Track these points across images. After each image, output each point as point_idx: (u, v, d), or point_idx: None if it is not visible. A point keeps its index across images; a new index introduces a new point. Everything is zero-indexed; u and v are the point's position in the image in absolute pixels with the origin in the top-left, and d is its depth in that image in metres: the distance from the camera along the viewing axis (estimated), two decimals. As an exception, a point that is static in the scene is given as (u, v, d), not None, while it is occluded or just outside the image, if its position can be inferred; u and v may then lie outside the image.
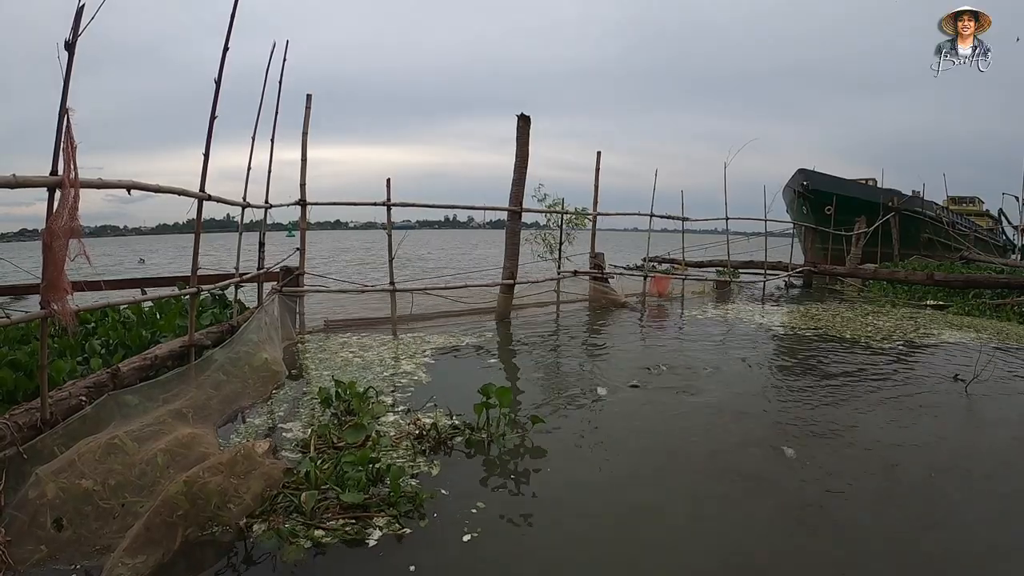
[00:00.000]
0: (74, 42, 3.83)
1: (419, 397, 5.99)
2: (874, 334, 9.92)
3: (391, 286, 10.50)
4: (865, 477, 4.33)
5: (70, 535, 3.17)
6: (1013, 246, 33.33)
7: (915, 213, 27.32)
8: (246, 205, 8.22)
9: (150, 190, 5.28)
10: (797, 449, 4.80)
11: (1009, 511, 3.90)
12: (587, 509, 3.85)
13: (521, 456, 4.65)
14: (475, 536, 3.43)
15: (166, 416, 4.37)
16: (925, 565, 3.29)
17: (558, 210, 13.14)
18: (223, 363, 6.01)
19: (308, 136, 9.82)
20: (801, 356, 8.46)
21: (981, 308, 13.06)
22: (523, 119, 11.04)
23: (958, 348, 8.88)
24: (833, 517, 3.76)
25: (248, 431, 5.02)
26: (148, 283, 11.17)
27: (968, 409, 6.01)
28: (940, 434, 5.27)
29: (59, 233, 3.72)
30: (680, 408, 5.87)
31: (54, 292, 3.81)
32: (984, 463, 4.66)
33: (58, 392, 4.48)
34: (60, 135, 3.74)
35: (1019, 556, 3.38)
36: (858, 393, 6.45)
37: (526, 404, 5.92)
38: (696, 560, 3.31)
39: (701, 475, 4.37)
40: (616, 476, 4.35)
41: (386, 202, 10.42)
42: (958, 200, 37.47)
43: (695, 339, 9.70)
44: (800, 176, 26.26)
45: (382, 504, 3.64)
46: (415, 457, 4.46)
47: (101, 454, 3.63)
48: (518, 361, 8.19)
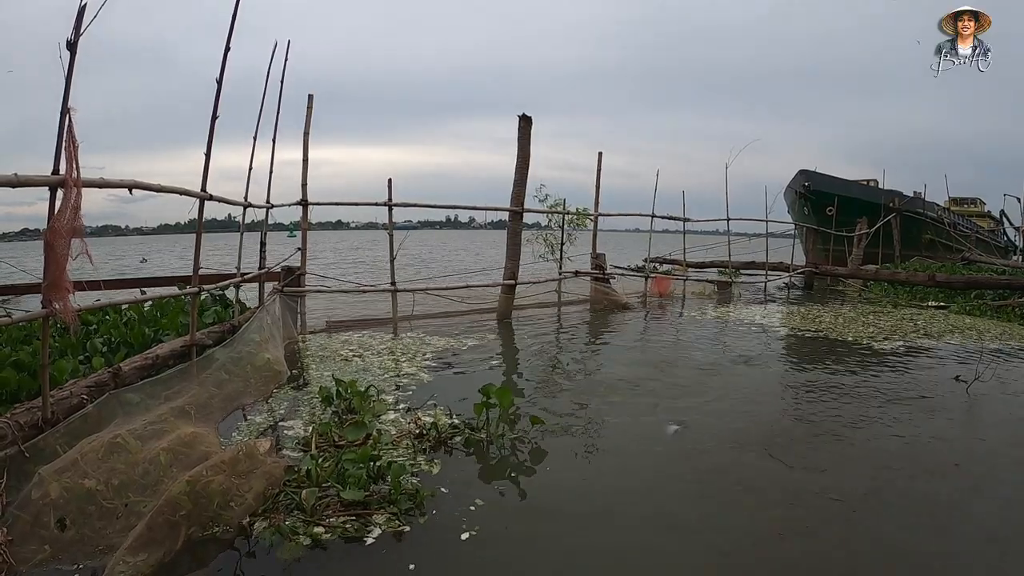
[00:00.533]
0: (76, 41, 3.84)
1: (420, 396, 6.00)
2: (875, 335, 9.91)
3: (392, 286, 10.52)
4: (863, 478, 4.33)
5: (73, 535, 3.17)
6: (1014, 247, 33.34)
7: (916, 214, 27.34)
8: (247, 205, 8.23)
9: (152, 190, 5.29)
10: (795, 450, 4.81)
11: (1011, 516, 3.89)
12: (585, 509, 3.85)
13: (521, 456, 4.65)
14: (474, 534, 3.43)
15: (168, 414, 4.37)
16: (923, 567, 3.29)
17: (559, 210, 13.16)
18: (225, 362, 6.02)
19: (310, 136, 9.84)
20: (802, 357, 8.46)
21: (982, 309, 13.06)
22: (524, 119, 11.05)
23: (959, 349, 8.88)
24: (832, 518, 3.77)
25: (250, 429, 5.02)
26: (149, 283, 11.18)
27: (969, 410, 6.00)
28: (940, 435, 5.26)
29: (61, 232, 3.73)
30: (680, 409, 5.87)
31: (56, 291, 3.82)
32: (984, 465, 4.66)
33: (59, 391, 4.49)
34: (62, 134, 3.76)
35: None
36: (859, 394, 6.44)
37: (526, 404, 5.92)
38: (695, 559, 3.31)
39: (701, 476, 4.36)
40: (615, 477, 4.35)
41: (387, 202, 10.44)
42: (959, 201, 37.49)
43: (695, 340, 9.72)
44: (801, 177, 26.27)
45: (383, 502, 3.65)
46: (415, 455, 4.46)
47: (104, 453, 3.64)
48: (519, 361, 8.20)
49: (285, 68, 8.59)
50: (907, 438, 5.12)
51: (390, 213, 10.53)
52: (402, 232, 11.23)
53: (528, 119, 11.06)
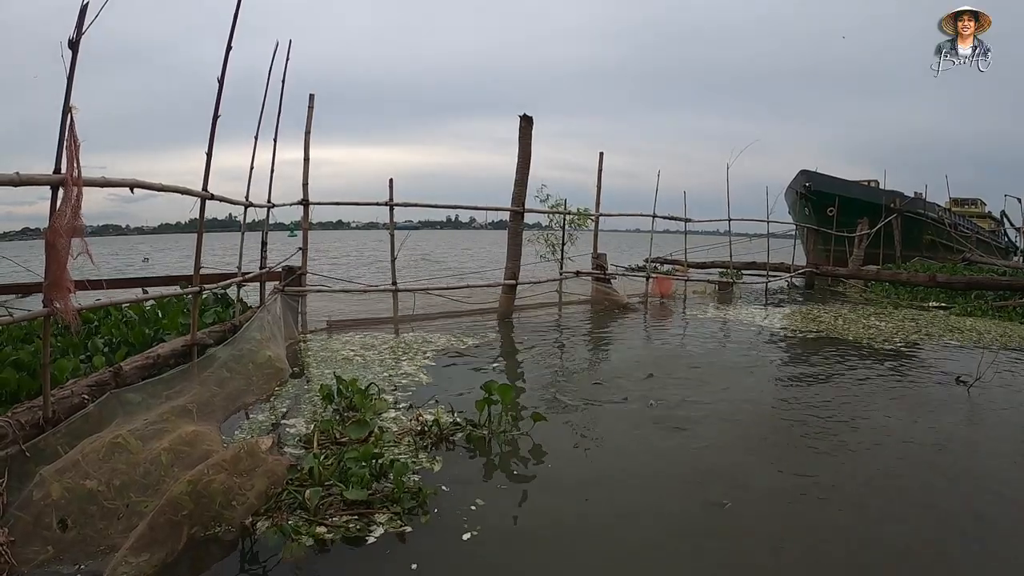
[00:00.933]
0: (78, 40, 3.84)
1: (421, 394, 6.00)
2: (876, 336, 9.90)
3: (393, 286, 10.51)
4: (862, 481, 4.33)
5: (75, 535, 3.16)
6: (1015, 248, 33.34)
7: (917, 215, 27.32)
8: (248, 204, 8.23)
9: (153, 189, 5.27)
10: (794, 453, 4.82)
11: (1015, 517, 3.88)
12: (586, 508, 3.85)
13: (522, 453, 4.66)
14: (475, 534, 3.42)
15: (169, 413, 4.36)
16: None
17: (560, 210, 13.16)
18: (226, 360, 6.02)
19: (311, 136, 9.84)
20: (802, 357, 8.44)
21: (983, 309, 13.05)
22: (525, 119, 11.05)
23: (961, 350, 8.87)
24: (829, 521, 3.76)
25: (252, 427, 5.03)
26: (150, 283, 11.18)
27: (970, 412, 5.99)
28: (942, 436, 5.25)
29: (62, 232, 3.72)
30: (680, 409, 5.86)
31: (57, 291, 3.81)
32: (986, 466, 4.65)
33: (60, 391, 4.49)
34: (63, 133, 3.75)
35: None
36: (859, 395, 6.43)
37: (527, 402, 5.91)
38: (693, 560, 3.31)
39: (700, 477, 4.35)
40: (616, 475, 4.35)
41: (388, 202, 10.44)
42: (960, 202, 37.48)
43: (695, 340, 9.71)
44: (802, 177, 26.25)
45: (385, 500, 3.64)
46: (417, 453, 4.46)
47: (105, 453, 3.63)
48: (520, 360, 8.19)
49: (287, 68, 8.60)
50: (907, 440, 5.11)
51: (391, 213, 10.53)
52: (403, 232, 11.22)
53: (529, 119, 11.06)
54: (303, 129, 9.82)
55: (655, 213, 15.33)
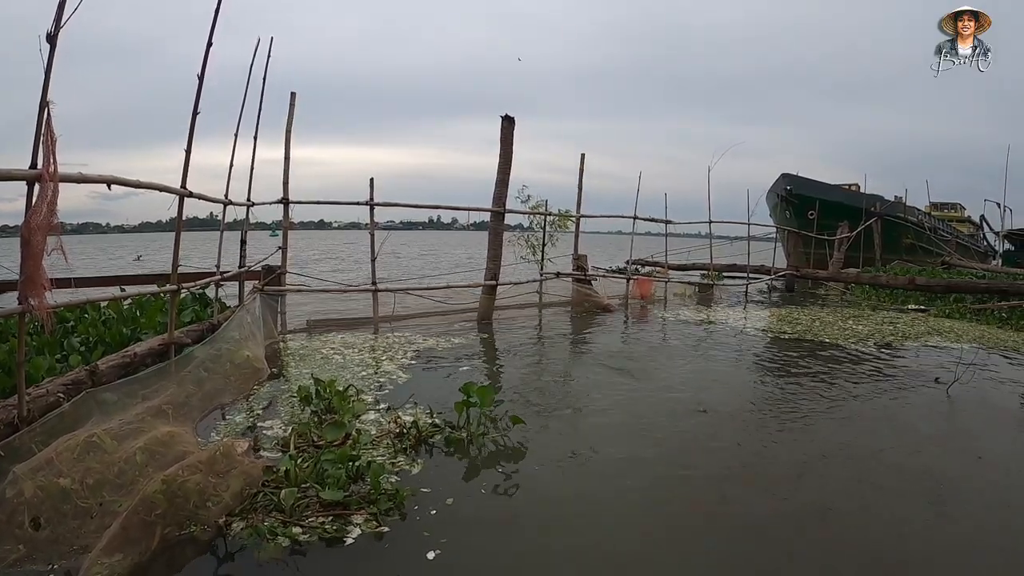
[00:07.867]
0: (56, 34, 3.79)
1: (400, 396, 5.99)
2: (854, 337, 9.99)
3: (373, 286, 10.48)
4: (839, 479, 4.39)
5: (48, 534, 3.13)
6: (994, 251, 33.78)
7: (897, 218, 27.65)
8: (228, 203, 8.19)
9: (131, 186, 5.22)
10: (767, 448, 4.87)
11: (992, 520, 3.92)
12: (564, 510, 3.88)
13: (501, 455, 4.67)
14: (453, 535, 3.43)
15: (145, 413, 4.34)
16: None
17: (541, 212, 13.18)
18: (204, 359, 5.98)
19: (292, 134, 9.80)
20: (779, 359, 8.50)
21: (962, 312, 13.21)
22: (507, 120, 11.03)
23: (939, 352, 8.98)
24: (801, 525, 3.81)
25: (228, 429, 4.99)
26: (128, 281, 11.07)
27: (949, 412, 6.07)
28: (920, 437, 5.32)
29: (38, 228, 3.68)
30: (658, 409, 5.89)
31: (32, 288, 3.77)
32: (964, 466, 4.71)
33: (36, 389, 4.44)
34: (40, 128, 3.71)
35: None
36: (837, 396, 6.49)
37: (506, 404, 5.90)
38: (676, 569, 3.33)
39: (678, 478, 4.38)
40: (596, 475, 4.38)
41: (369, 202, 10.40)
42: (940, 206, 37.99)
43: (674, 342, 9.77)
44: (783, 181, 26.48)
45: (362, 501, 3.64)
46: (396, 455, 4.46)
47: (79, 452, 3.60)
48: (499, 361, 8.21)
49: (268, 65, 8.56)
50: (883, 441, 5.17)
51: (371, 213, 10.48)
52: (383, 232, 11.18)
53: (511, 120, 11.05)
54: (284, 127, 9.79)
55: (636, 215, 15.40)
